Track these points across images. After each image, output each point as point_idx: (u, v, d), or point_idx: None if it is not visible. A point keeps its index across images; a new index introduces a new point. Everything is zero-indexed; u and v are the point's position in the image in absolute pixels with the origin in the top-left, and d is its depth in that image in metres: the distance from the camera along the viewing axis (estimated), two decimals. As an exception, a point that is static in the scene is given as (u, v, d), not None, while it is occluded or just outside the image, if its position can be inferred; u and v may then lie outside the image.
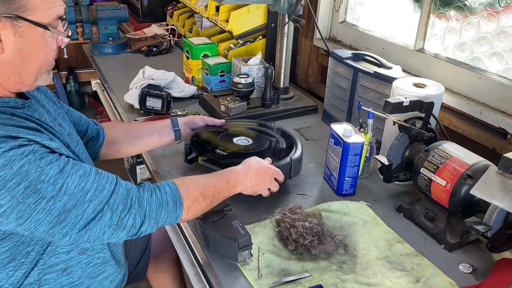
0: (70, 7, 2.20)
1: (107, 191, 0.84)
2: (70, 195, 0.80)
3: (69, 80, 3.79)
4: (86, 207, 0.82)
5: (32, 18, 0.82)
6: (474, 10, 1.31)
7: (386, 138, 1.28)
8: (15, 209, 0.76)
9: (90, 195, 0.82)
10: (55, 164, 0.79)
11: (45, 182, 0.78)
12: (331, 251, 1.00)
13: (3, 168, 0.74)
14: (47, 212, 0.79)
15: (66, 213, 0.80)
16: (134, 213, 0.87)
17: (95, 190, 0.83)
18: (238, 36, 1.93)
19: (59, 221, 0.80)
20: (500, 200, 0.89)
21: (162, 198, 0.91)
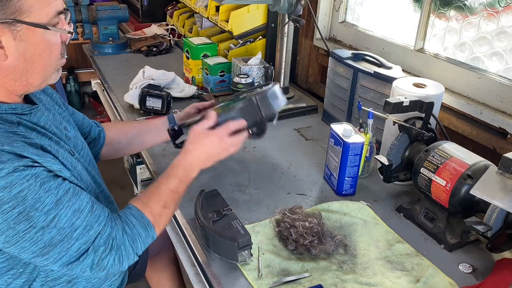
0: (70, 7, 2.20)
1: (94, 231, 0.84)
2: (59, 229, 0.79)
3: (69, 80, 3.79)
4: (72, 245, 0.81)
5: (30, 19, 0.80)
6: (474, 10, 1.31)
7: (386, 138, 1.28)
8: (4, 233, 0.76)
9: (78, 233, 0.82)
10: (53, 193, 0.79)
11: (38, 211, 0.77)
12: (331, 251, 1.00)
13: (2, 190, 0.74)
14: (34, 242, 0.78)
15: (51, 247, 0.80)
16: (113, 255, 0.86)
17: (83, 228, 0.82)
18: (238, 36, 1.93)
19: (42, 254, 0.80)
20: (500, 200, 0.89)
21: (133, 232, 0.90)
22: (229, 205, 1.05)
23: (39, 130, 0.89)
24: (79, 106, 3.93)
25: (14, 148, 0.77)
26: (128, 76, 1.98)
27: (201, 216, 1.00)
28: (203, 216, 1.00)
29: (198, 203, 1.05)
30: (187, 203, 1.17)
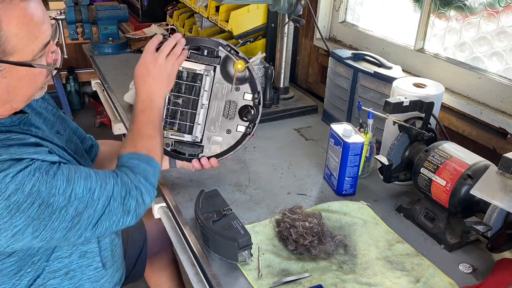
0: (70, 7, 2.20)
1: (110, 185, 0.88)
2: (80, 199, 0.83)
3: (69, 80, 3.79)
4: (96, 206, 0.85)
5: (14, 59, 0.77)
6: (474, 10, 1.31)
7: (386, 138, 1.28)
8: (30, 225, 0.79)
9: (97, 194, 0.86)
10: (59, 174, 0.82)
11: (56, 195, 0.80)
12: (331, 251, 1.00)
13: (15, 193, 0.76)
14: (61, 219, 0.81)
15: (79, 216, 0.83)
16: (135, 196, 0.92)
17: (100, 187, 0.86)
18: (238, 36, 1.93)
19: (73, 225, 0.83)
20: (500, 200, 0.89)
21: (140, 170, 0.95)
22: (229, 205, 1.05)
23: (31, 133, 0.89)
24: (79, 106, 3.93)
25: (12, 154, 0.78)
26: (128, 76, 1.98)
27: (201, 216, 1.00)
28: (203, 216, 1.00)
29: (198, 203, 1.05)
30: (187, 203, 1.17)
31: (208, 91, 1.13)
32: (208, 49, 1.11)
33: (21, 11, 0.76)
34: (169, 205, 1.18)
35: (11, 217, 0.76)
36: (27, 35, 0.78)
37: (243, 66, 1.11)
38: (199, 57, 1.11)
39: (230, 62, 1.12)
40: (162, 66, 1.04)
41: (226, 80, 1.13)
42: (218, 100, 1.14)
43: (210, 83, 1.12)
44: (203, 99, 1.13)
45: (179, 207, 1.15)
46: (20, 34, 0.77)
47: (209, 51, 1.11)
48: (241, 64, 1.11)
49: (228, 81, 1.13)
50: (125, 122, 1.62)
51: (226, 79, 1.13)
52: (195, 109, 1.14)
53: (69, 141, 1.04)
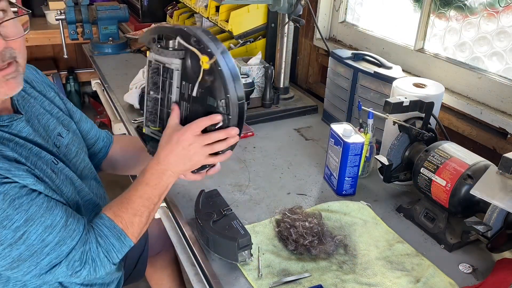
0: (70, 7, 2.20)
1: (67, 246, 0.82)
2: (28, 246, 0.78)
3: (69, 80, 3.79)
4: (42, 259, 0.80)
5: None
6: (474, 10, 1.31)
7: (386, 138, 1.28)
8: None
9: (49, 249, 0.80)
10: (23, 210, 0.77)
11: (6, 228, 0.76)
12: (331, 251, 1.00)
13: None
14: (2, 257, 0.77)
15: (20, 262, 0.79)
16: (88, 268, 0.85)
17: (55, 244, 0.80)
18: (238, 36, 1.93)
19: (12, 268, 0.79)
20: (500, 200, 0.89)
21: (106, 243, 0.87)
22: (229, 205, 1.05)
23: (17, 141, 0.86)
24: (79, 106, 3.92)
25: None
26: (128, 76, 1.98)
27: (201, 216, 1.00)
28: (203, 216, 1.00)
29: (198, 203, 1.05)
30: (187, 203, 1.17)
31: (178, 89, 0.95)
32: (169, 38, 0.92)
33: None
34: (169, 205, 1.18)
35: None
36: None
37: (206, 63, 0.87)
38: (162, 50, 0.93)
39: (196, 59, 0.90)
40: (196, 150, 0.90)
41: (190, 79, 0.93)
42: (185, 102, 0.95)
43: (178, 79, 0.94)
44: (173, 97, 0.96)
45: (179, 207, 1.15)
46: None
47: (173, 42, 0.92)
48: (205, 59, 0.87)
49: (193, 80, 0.92)
50: (125, 122, 1.62)
51: (192, 77, 0.92)
52: (169, 108, 0.98)
53: (69, 144, 1.01)
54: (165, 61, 0.94)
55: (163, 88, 0.97)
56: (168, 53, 0.93)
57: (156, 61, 0.95)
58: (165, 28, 0.94)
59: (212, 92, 0.90)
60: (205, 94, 0.91)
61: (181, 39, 0.90)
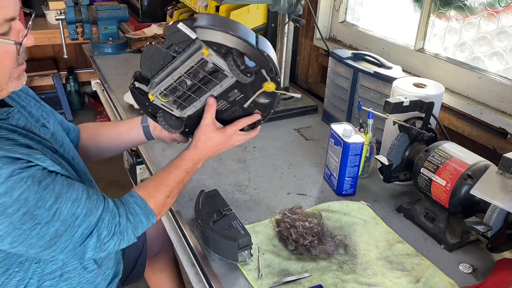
0: (70, 7, 2.19)
1: (94, 216, 0.86)
2: (63, 221, 0.81)
3: (69, 80, 3.79)
4: (75, 232, 0.83)
5: None
6: (474, 10, 1.31)
7: (386, 138, 1.28)
8: (10, 234, 0.77)
9: (80, 221, 0.83)
10: (51, 189, 0.80)
11: (41, 208, 0.78)
12: (331, 251, 1.00)
13: (3, 196, 0.75)
14: (40, 237, 0.80)
15: (57, 238, 0.82)
16: (116, 239, 0.89)
17: (84, 215, 0.84)
18: (238, 36, 1.93)
19: (50, 246, 0.82)
20: (500, 200, 0.89)
21: (135, 220, 0.92)
22: (229, 205, 1.05)
23: (20, 131, 0.88)
24: (79, 106, 3.93)
25: (6, 152, 0.76)
26: (128, 76, 1.97)
27: (201, 216, 1.00)
28: (203, 216, 1.00)
29: (198, 203, 1.05)
30: (187, 203, 1.17)
31: (222, 89, 0.99)
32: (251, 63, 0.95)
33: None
34: (169, 205, 1.18)
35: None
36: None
37: (271, 89, 0.99)
38: (232, 65, 0.93)
39: (261, 77, 0.97)
40: (228, 147, 1.04)
41: (244, 90, 0.99)
42: (225, 101, 1.02)
43: (229, 84, 0.98)
44: (213, 92, 0.99)
45: (179, 207, 1.15)
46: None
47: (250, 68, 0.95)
48: (272, 86, 0.98)
49: (246, 91, 0.99)
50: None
51: (246, 89, 0.99)
52: (198, 96, 1.00)
53: (55, 134, 1.02)
54: (224, 69, 0.94)
55: (204, 83, 0.98)
56: (235, 72, 0.93)
57: (214, 63, 0.93)
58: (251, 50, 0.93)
59: (262, 107, 1.04)
60: (253, 108, 1.03)
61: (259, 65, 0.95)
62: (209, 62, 0.94)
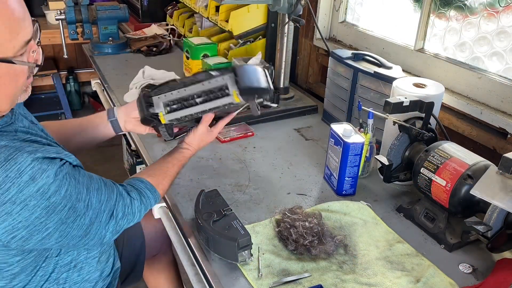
0: (70, 7, 2.19)
1: (112, 200, 0.93)
2: (93, 209, 0.88)
3: (69, 80, 3.79)
4: (102, 217, 0.90)
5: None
6: (474, 10, 1.31)
7: (386, 138, 1.28)
8: (58, 229, 0.82)
9: (104, 206, 0.90)
10: (82, 182, 0.86)
11: (80, 201, 0.85)
12: (331, 251, 1.00)
13: (54, 195, 0.79)
14: (80, 227, 0.86)
15: (91, 225, 0.88)
16: (127, 219, 0.97)
17: (106, 201, 0.91)
18: (238, 36, 1.93)
19: (86, 233, 0.88)
20: (500, 200, 0.89)
21: (147, 203, 1.01)
22: (229, 205, 1.05)
23: (32, 132, 0.90)
24: (79, 106, 3.93)
25: (43, 153, 0.80)
26: (128, 76, 1.97)
27: (201, 216, 1.00)
28: (203, 216, 1.00)
29: (198, 203, 1.05)
30: (187, 203, 1.17)
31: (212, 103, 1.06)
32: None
33: (2, 4, 0.75)
34: (169, 205, 1.19)
35: (47, 218, 0.79)
36: (8, 31, 0.76)
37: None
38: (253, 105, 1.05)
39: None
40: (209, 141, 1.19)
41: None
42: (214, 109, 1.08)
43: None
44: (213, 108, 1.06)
45: (179, 207, 1.15)
46: (0, 29, 0.75)
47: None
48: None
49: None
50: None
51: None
52: (201, 115, 1.09)
53: (44, 129, 1.02)
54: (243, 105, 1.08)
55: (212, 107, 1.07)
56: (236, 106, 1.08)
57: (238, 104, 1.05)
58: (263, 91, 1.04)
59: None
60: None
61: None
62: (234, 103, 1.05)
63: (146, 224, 1.40)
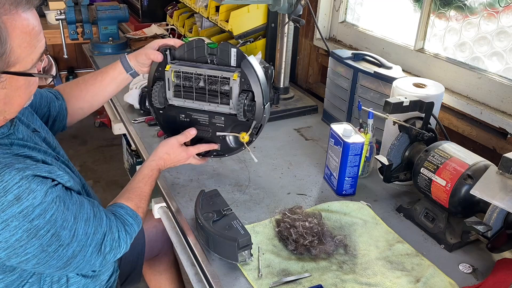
0: (70, 7, 2.20)
1: (100, 233, 0.90)
2: (79, 242, 0.84)
3: (69, 80, 3.79)
4: (87, 252, 0.87)
5: (16, 69, 0.78)
6: (474, 10, 1.31)
7: (386, 138, 1.28)
8: (37, 256, 0.79)
9: (90, 240, 0.87)
10: (71, 209, 0.83)
11: (65, 228, 0.81)
12: (331, 251, 1.00)
13: (38, 218, 0.77)
14: (60, 258, 0.82)
15: (73, 258, 0.85)
16: (115, 252, 0.94)
17: (93, 234, 0.88)
18: (238, 36, 1.93)
19: (65, 266, 0.84)
20: (500, 200, 0.89)
21: (131, 230, 1.00)
22: (229, 205, 1.05)
23: (29, 145, 0.89)
24: (79, 106, 3.92)
25: (33, 171, 0.78)
26: (128, 76, 1.97)
27: (201, 216, 1.00)
28: (203, 216, 1.00)
29: (198, 203, 1.05)
30: (187, 203, 1.17)
31: (215, 110, 1.19)
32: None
33: (24, 21, 0.77)
34: (169, 205, 1.19)
35: (28, 242, 0.77)
36: (28, 45, 0.78)
37: (244, 140, 1.20)
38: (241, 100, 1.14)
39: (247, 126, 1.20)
40: (185, 162, 1.21)
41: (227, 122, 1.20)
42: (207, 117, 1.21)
43: (223, 111, 1.19)
44: (208, 107, 1.19)
45: (179, 207, 1.15)
46: (23, 45, 0.77)
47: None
48: (246, 139, 1.20)
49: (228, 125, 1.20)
50: (125, 122, 1.63)
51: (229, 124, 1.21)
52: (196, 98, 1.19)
53: (47, 138, 1.03)
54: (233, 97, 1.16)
55: (210, 94, 1.18)
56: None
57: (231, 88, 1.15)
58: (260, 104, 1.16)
59: (225, 145, 1.25)
60: (219, 140, 1.24)
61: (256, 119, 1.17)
62: (228, 85, 1.14)
63: (146, 224, 1.41)
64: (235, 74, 1.12)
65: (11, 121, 0.88)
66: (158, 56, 1.19)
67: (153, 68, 1.21)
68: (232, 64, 1.15)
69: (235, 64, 1.15)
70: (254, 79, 1.13)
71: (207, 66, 1.17)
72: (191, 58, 1.19)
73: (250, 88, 1.13)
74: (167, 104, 1.23)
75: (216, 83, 1.15)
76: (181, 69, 1.17)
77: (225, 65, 1.16)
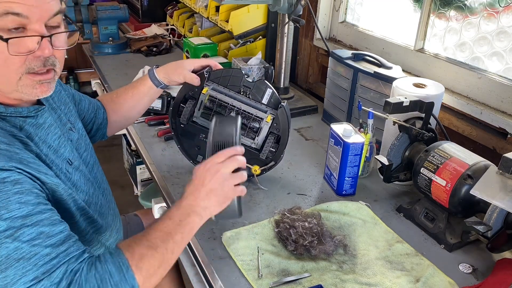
0: (70, 7, 2.20)
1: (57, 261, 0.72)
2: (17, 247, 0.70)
3: (69, 80, 3.79)
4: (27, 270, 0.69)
5: None
6: (474, 10, 1.31)
7: (386, 138, 1.28)
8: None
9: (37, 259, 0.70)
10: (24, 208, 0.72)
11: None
12: (330, 251, 1.00)
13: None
14: None
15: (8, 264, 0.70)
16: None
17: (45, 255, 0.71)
18: (238, 36, 1.93)
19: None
20: (500, 200, 0.89)
21: (103, 269, 0.73)
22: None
23: (37, 140, 0.87)
24: (79, 106, 3.93)
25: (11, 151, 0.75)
26: (128, 76, 1.98)
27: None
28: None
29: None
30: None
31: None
32: None
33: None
34: (169, 205, 1.18)
35: None
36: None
37: (255, 172, 1.20)
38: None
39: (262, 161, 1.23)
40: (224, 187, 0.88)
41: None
42: None
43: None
44: None
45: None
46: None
47: None
48: (257, 171, 1.20)
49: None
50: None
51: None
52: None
53: (80, 139, 1.05)
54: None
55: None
56: None
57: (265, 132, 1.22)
58: None
59: None
60: None
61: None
62: (258, 122, 1.21)
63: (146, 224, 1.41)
64: (269, 117, 1.19)
65: (39, 106, 0.89)
66: (195, 81, 1.19)
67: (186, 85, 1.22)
68: (264, 101, 1.20)
69: (266, 103, 1.20)
70: (285, 127, 1.19)
71: (239, 98, 1.21)
72: (225, 83, 1.21)
73: (279, 133, 1.20)
74: (191, 120, 1.24)
75: (248, 118, 1.21)
76: (218, 96, 1.21)
77: (256, 99, 1.21)
